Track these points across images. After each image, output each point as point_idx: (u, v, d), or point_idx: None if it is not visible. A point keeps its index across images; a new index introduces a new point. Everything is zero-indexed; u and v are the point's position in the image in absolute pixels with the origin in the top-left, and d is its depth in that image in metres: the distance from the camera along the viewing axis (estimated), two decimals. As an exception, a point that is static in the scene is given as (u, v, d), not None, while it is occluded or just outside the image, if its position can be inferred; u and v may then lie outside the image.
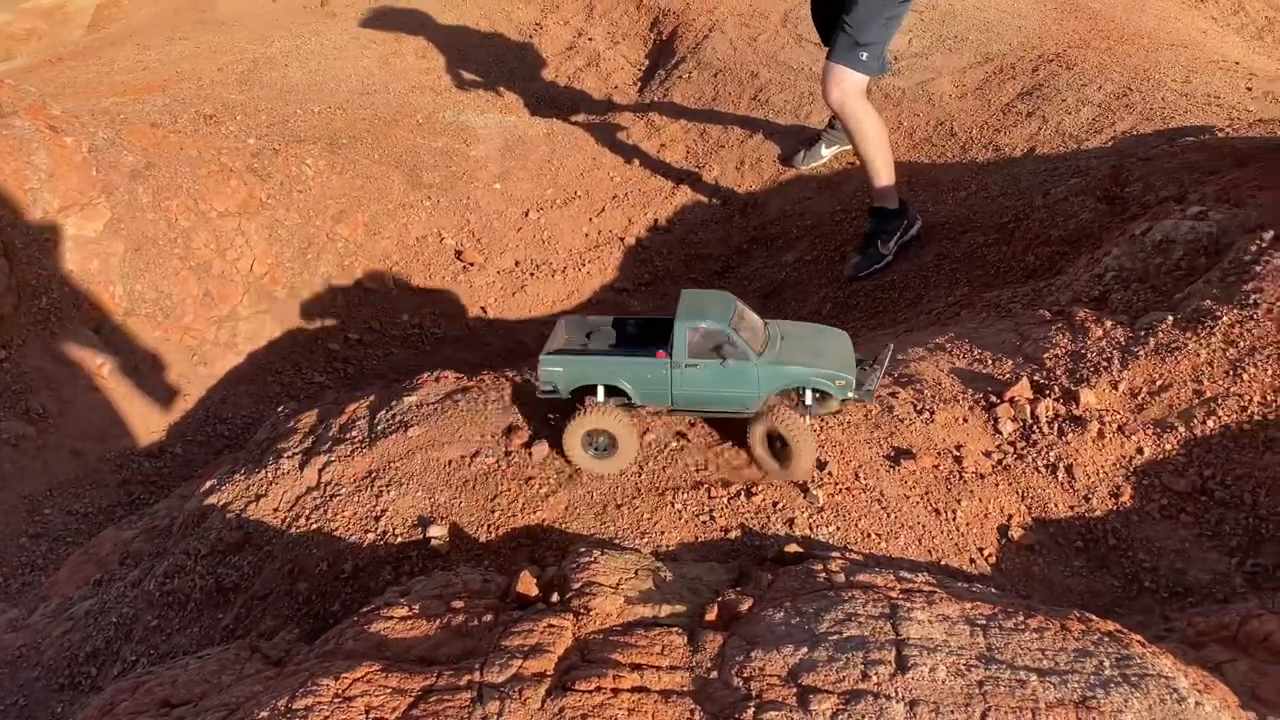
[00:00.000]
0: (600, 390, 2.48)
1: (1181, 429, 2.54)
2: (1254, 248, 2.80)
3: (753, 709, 1.67)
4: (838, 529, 2.39)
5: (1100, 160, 4.99)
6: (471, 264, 5.29)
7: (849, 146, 5.49)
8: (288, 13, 8.94)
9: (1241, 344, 2.60)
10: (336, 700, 1.70)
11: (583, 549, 2.21)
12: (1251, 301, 2.67)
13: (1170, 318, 2.76)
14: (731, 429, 2.59)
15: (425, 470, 2.60)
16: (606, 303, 5.38)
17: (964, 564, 2.34)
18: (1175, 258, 3.10)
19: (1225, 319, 2.66)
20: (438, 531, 2.42)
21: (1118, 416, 2.60)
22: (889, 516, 2.44)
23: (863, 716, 1.64)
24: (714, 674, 1.79)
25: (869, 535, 2.40)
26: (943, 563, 2.39)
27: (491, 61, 8.30)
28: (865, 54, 4.52)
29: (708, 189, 6.18)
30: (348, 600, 2.35)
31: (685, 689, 1.75)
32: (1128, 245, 3.25)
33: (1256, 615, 2.02)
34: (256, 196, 4.89)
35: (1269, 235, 2.81)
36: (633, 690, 1.73)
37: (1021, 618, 1.94)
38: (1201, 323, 2.69)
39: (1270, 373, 2.52)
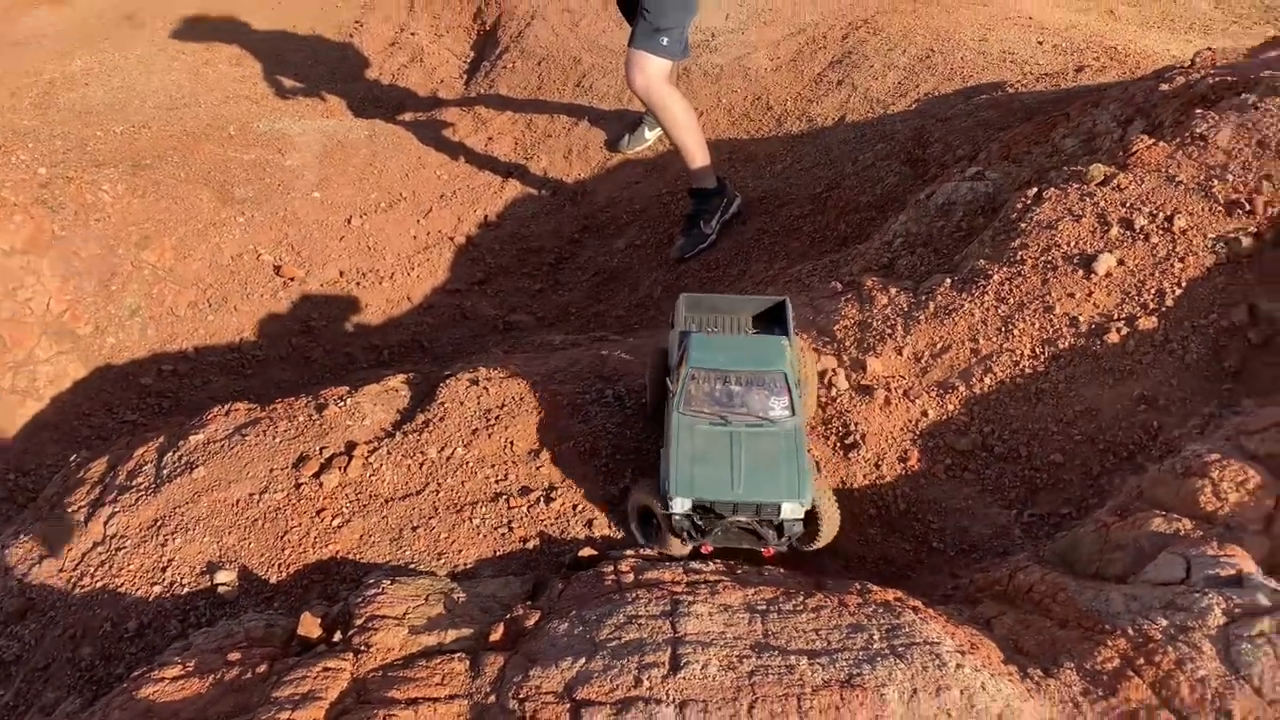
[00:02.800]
0: None
1: (962, 388, 2.62)
2: (1020, 205, 2.92)
3: (526, 732, 1.65)
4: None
5: (904, 124, 5.14)
6: (292, 279, 5.11)
7: (671, 127, 5.51)
8: (90, 26, 8.42)
9: (1011, 300, 2.70)
10: (85, 783, 1.61)
11: (371, 580, 2.15)
12: (1019, 258, 2.78)
13: (948, 280, 2.85)
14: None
15: (212, 513, 2.49)
16: (439, 305, 5.28)
17: (761, 546, 2.37)
18: (956, 219, 3.20)
19: (996, 277, 2.76)
20: (225, 577, 2.32)
21: (903, 382, 2.67)
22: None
23: (633, 724, 1.64)
24: (492, 698, 1.76)
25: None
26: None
27: (311, 64, 8.01)
28: (665, 39, 4.52)
29: (537, 180, 6.13)
30: (132, 661, 2.23)
31: (462, 718, 1.72)
32: (914, 210, 3.35)
33: (1023, 568, 2.11)
34: (47, 230, 4.59)
35: (1033, 192, 2.93)
36: (406, 728, 1.68)
37: (802, 598, 1.98)
38: (975, 283, 2.79)
39: (1038, 326, 2.63)
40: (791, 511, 2.11)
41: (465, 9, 8.36)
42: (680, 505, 2.10)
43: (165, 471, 2.66)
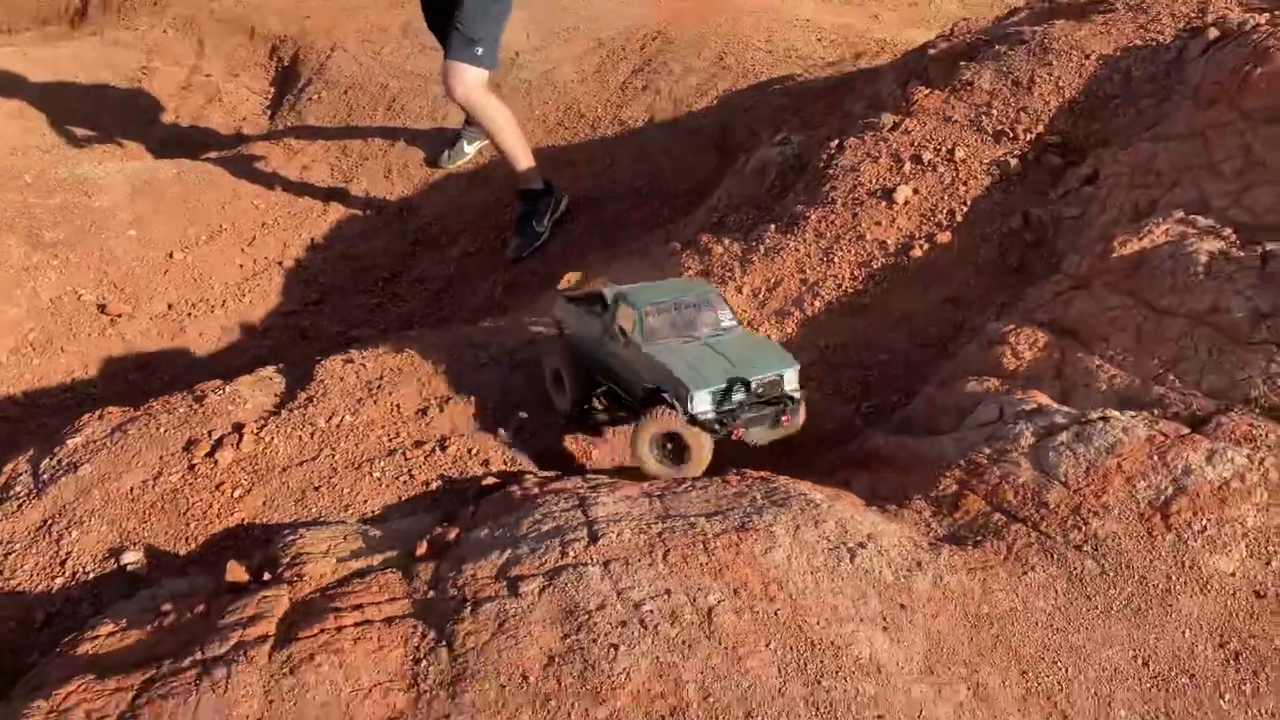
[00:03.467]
0: None
1: (797, 314, 2.98)
2: (825, 156, 3.33)
3: (470, 607, 1.83)
4: (529, 459, 2.60)
5: (709, 119, 5.57)
6: (119, 315, 4.98)
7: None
8: None
9: (829, 235, 3.09)
10: (53, 715, 1.66)
11: (287, 529, 2.26)
12: (830, 199, 3.17)
13: (773, 225, 3.22)
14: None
15: (106, 504, 2.50)
16: (277, 327, 5.27)
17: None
18: (770, 179, 3.59)
19: (813, 217, 3.14)
20: (133, 556, 2.36)
21: (746, 314, 3.00)
22: (576, 441, 2.67)
23: (566, 584, 1.84)
24: (431, 593, 1.93)
25: (564, 458, 2.62)
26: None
27: (99, 113, 7.73)
28: (480, 49, 4.76)
29: (360, 201, 6.19)
30: (45, 646, 2.23)
31: (407, 612, 1.88)
32: (733, 178, 3.72)
33: (869, 438, 2.46)
34: None
35: (835, 143, 3.35)
36: (357, 624, 1.82)
37: (689, 484, 2.24)
38: (796, 224, 3.16)
39: (854, 252, 3.02)
40: (791, 380, 2.37)
41: (259, 47, 8.29)
42: (701, 401, 2.27)
43: (45, 477, 2.65)
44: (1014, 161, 3.00)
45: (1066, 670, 1.75)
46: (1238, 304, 2.19)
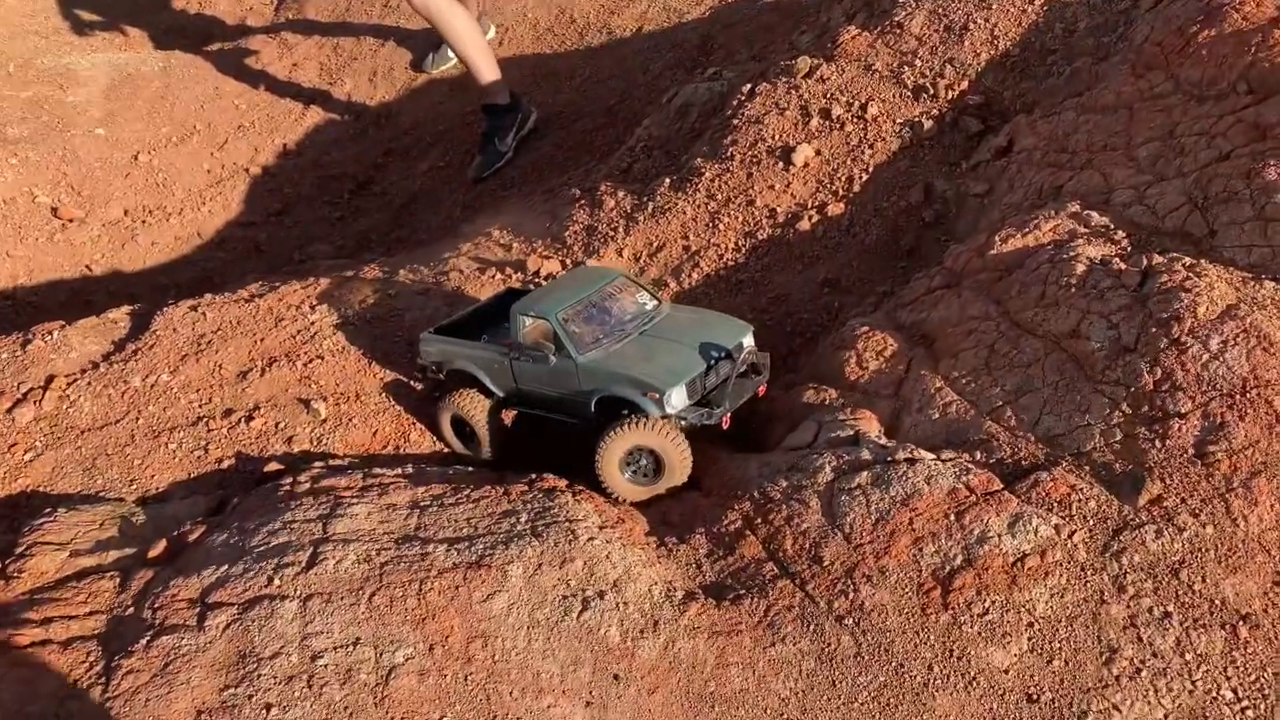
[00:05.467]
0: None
1: (673, 284, 2.69)
2: (735, 102, 2.97)
3: (150, 636, 1.67)
4: (341, 436, 2.41)
5: (694, 31, 5.14)
6: (71, 220, 4.90)
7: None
8: None
9: (719, 196, 2.76)
10: None
11: (48, 510, 2.13)
12: (729, 154, 2.83)
13: (668, 180, 2.90)
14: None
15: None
16: (232, 239, 5.14)
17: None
18: (691, 121, 3.25)
19: (708, 174, 2.82)
20: (-94, 521, 2.26)
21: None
22: (398, 421, 2.48)
23: (254, 620, 1.67)
24: (130, 610, 1.77)
25: (376, 435, 2.43)
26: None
27: (112, -5, 7.56)
28: (442, -44, 4.41)
29: (340, 106, 5.95)
30: None
31: (94, 632, 1.73)
32: (657, 114, 3.38)
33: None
34: None
35: (747, 88, 2.98)
36: (34, 643, 1.69)
37: (470, 490, 2.03)
38: (690, 181, 2.84)
39: (741, 219, 2.70)
40: (749, 342, 2.15)
41: (275, -69, 7.97)
42: (678, 397, 2.03)
43: None
44: (928, 123, 2.62)
45: (784, 769, 1.52)
46: (1099, 331, 1.84)
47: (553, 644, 1.64)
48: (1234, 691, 1.47)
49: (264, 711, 1.52)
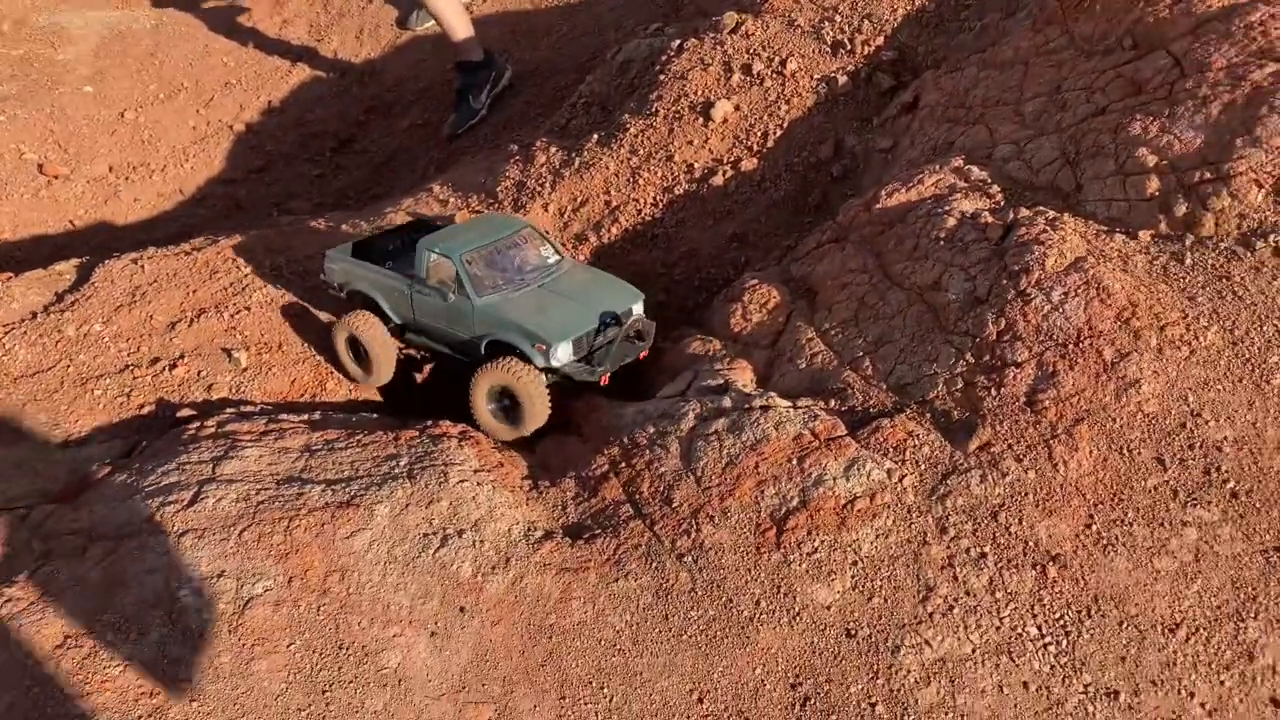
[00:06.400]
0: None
1: (594, 239, 2.74)
2: (664, 58, 2.99)
3: (32, 569, 1.78)
4: (260, 384, 2.50)
5: (669, -14, 5.12)
6: (56, 177, 5.01)
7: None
8: None
9: (641, 152, 2.80)
10: None
11: (-30, 452, 2.24)
12: (654, 110, 2.86)
13: (596, 136, 2.94)
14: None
15: None
16: (213, 196, 5.23)
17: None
18: (630, 77, 3.27)
19: (632, 130, 2.85)
20: None
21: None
22: (317, 370, 2.56)
23: (125, 555, 1.77)
24: (34, 542, 1.88)
25: (294, 384, 2.52)
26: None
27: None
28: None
29: (326, 63, 6.01)
30: None
31: (-12, 566, 1.84)
32: (600, 70, 3.41)
33: (581, 397, 2.27)
34: None
35: (676, 43, 3.00)
36: (-71, 574, 1.80)
37: (362, 436, 2.11)
38: (615, 137, 2.88)
39: (660, 175, 2.74)
40: (639, 310, 2.24)
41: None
42: (564, 351, 2.12)
43: None
44: (843, 79, 2.63)
45: (611, 699, 1.60)
46: (957, 283, 1.87)
47: (406, 578, 1.72)
48: (1038, 628, 1.52)
49: (124, 636, 1.62)
